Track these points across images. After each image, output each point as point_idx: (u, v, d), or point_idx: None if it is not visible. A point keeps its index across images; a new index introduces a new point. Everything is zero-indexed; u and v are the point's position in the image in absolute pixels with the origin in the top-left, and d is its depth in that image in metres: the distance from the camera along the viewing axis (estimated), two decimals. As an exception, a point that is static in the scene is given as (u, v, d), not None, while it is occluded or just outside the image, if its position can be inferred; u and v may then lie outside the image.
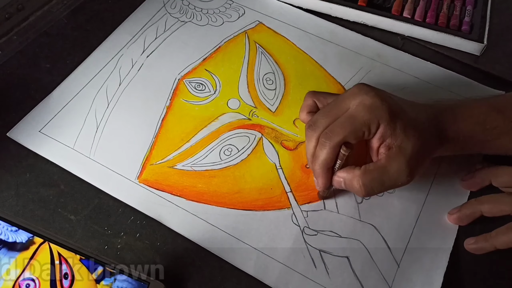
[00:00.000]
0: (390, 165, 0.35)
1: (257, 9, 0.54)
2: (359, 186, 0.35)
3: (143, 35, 0.50)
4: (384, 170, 0.35)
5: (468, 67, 0.50)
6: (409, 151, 0.35)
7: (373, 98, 0.35)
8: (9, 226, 0.31)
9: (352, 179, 0.36)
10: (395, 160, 0.35)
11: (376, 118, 0.35)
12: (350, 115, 0.35)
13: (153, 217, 0.38)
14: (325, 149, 0.35)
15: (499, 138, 0.38)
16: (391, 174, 0.35)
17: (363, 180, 0.35)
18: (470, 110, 0.38)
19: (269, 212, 0.39)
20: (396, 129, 0.35)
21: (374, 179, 0.35)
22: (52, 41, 0.49)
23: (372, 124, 0.35)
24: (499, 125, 0.37)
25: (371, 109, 0.35)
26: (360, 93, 0.36)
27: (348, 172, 0.36)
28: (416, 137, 0.35)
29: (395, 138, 0.35)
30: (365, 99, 0.35)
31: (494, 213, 0.37)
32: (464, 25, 0.51)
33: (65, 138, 0.42)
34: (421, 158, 0.36)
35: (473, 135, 0.38)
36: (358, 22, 0.53)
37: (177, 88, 0.46)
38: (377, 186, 0.35)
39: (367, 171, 0.35)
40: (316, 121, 0.37)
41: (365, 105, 0.35)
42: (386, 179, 0.35)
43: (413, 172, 0.35)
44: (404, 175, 0.35)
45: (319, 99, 0.40)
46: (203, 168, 0.41)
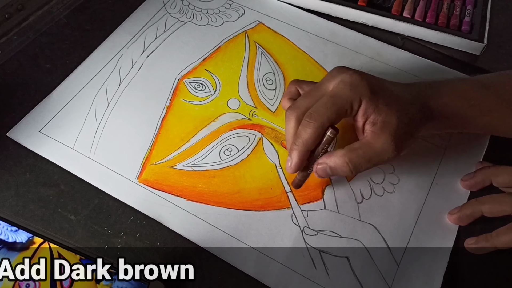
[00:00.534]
0: (375, 140, 0.35)
1: (257, 9, 0.54)
2: (346, 163, 0.35)
3: (143, 35, 0.50)
4: (369, 145, 0.35)
5: (468, 67, 0.50)
6: (394, 126, 0.35)
7: (352, 75, 0.36)
8: (9, 226, 0.31)
9: (337, 159, 0.35)
10: (380, 135, 0.35)
11: (357, 94, 0.35)
12: (332, 94, 0.36)
13: (153, 217, 0.38)
14: (309, 129, 0.35)
15: (485, 114, 0.38)
16: (377, 149, 0.35)
17: (349, 157, 0.35)
18: (454, 85, 0.39)
19: (269, 212, 0.39)
20: (378, 105, 0.35)
21: (359, 155, 0.35)
22: (52, 41, 0.49)
23: (354, 101, 0.35)
24: (484, 100, 0.38)
25: (351, 86, 0.35)
26: (339, 73, 0.37)
27: (331, 155, 0.36)
28: (400, 112, 0.35)
29: (378, 113, 0.35)
30: (344, 77, 0.36)
31: (494, 213, 0.37)
32: (464, 25, 0.51)
33: (65, 138, 0.42)
34: (407, 133, 0.36)
35: (458, 111, 0.38)
36: (358, 22, 0.53)
37: (177, 88, 0.46)
38: (364, 162, 0.35)
39: (353, 148, 0.35)
40: (296, 102, 0.37)
41: (346, 83, 0.36)
42: (373, 154, 0.35)
43: (399, 146, 0.35)
44: (390, 150, 0.35)
45: (301, 86, 0.41)
46: (203, 168, 0.41)
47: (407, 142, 0.36)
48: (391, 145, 0.35)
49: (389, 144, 0.35)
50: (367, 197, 0.40)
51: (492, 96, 0.38)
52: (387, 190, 0.41)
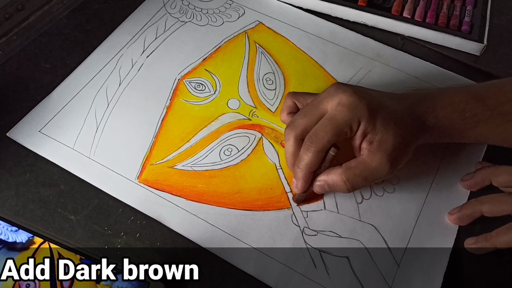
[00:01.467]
0: (371, 159, 0.36)
1: (257, 9, 0.54)
2: (343, 182, 0.36)
3: (143, 35, 0.50)
4: (365, 165, 0.36)
5: (468, 67, 0.50)
6: (389, 145, 0.35)
7: (350, 96, 0.36)
8: (9, 226, 0.31)
9: (335, 177, 0.36)
10: (376, 154, 0.35)
11: (356, 116, 0.35)
12: (331, 117, 0.36)
13: (153, 217, 0.38)
14: (310, 153, 0.36)
15: (478, 126, 0.38)
16: (373, 169, 0.36)
17: (347, 176, 0.36)
18: (450, 98, 0.39)
19: (269, 212, 0.39)
20: (376, 124, 0.35)
21: (356, 175, 0.36)
22: (52, 41, 0.49)
23: (353, 123, 0.35)
24: (478, 113, 0.38)
25: (350, 108, 0.35)
26: (337, 93, 0.36)
27: (329, 173, 0.37)
28: (395, 130, 0.36)
29: (375, 133, 0.36)
30: (342, 98, 0.36)
31: (494, 213, 0.37)
32: (464, 25, 0.51)
33: (65, 138, 0.42)
34: (402, 150, 0.36)
35: (453, 124, 0.38)
36: (358, 22, 0.53)
37: (177, 88, 0.46)
38: (360, 181, 0.36)
39: (350, 167, 0.36)
40: (294, 121, 0.37)
41: (344, 105, 0.36)
42: (368, 173, 0.36)
43: (394, 164, 0.36)
44: (386, 169, 0.36)
45: (298, 99, 0.41)
46: (203, 168, 0.41)
47: (402, 159, 0.37)
48: (386, 164, 0.35)
49: (384, 164, 0.35)
50: (367, 197, 0.40)
51: (486, 108, 0.38)
52: (387, 190, 0.41)
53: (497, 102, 0.38)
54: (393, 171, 0.36)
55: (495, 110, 0.38)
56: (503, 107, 0.38)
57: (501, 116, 0.38)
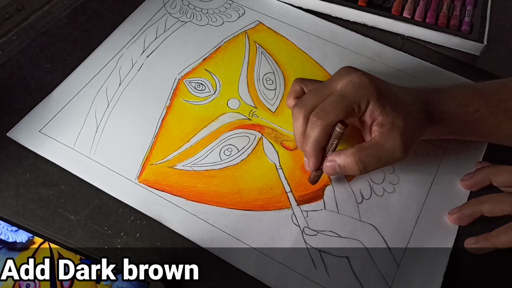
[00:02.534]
0: (385, 141, 0.36)
1: (257, 9, 0.54)
2: (355, 162, 0.36)
3: (143, 35, 0.50)
4: (379, 146, 0.36)
5: (468, 67, 0.50)
6: (401, 127, 0.36)
7: (361, 77, 0.36)
8: (9, 226, 0.31)
9: (347, 157, 0.36)
10: (390, 136, 0.36)
11: (365, 95, 0.36)
12: (340, 93, 0.36)
13: (153, 217, 0.38)
14: (317, 128, 0.36)
15: (481, 121, 0.39)
16: (387, 150, 0.36)
17: (360, 156, 0.36)
18: (453, 93, 0.39)
19: (269, 212, 0.39)
20: (385, 107, 0.36)
21: (369, 155, 0.36)
22: (52, 41, 0.49)
23: (362, 101, 0.36)
24: (480, 108, 0.38)
25: (360, 87, 0.36)
26: (347, 73, 0.37)
27: (340, 154, 0.37)
28: (405, 114, 0.36)
29: (386, 115, 0.36)
30: (353, 77, 0.36)
31: (494, 213, 0.37)
32: (464, 25, 0.51)
33: (65, 138, 0.42)
34: (413, 134, 0.37)
35: (456, 118, 0.39)
36: (358, 22, 0.53)
37: (177, 88, 0.46)
38: (373, 162, 0.36)
39: (362, 148, 0.36)
40: (303, 100, 0.38)
41: (355, 83, 0.36)
42: (382, 154, 0.36)
43: (407, 147, 0.36)
44: (399, 151, 0.36)
45: (306, 85, 0.41)
46: (203, 168, 0.41)
47: (413, 144, 0.37)
48: (400, 146, 0.35)
49: (399, 145, 0.35)
50: (367, 197, 0.40)
51: (489, 104, 0.38)
52: (387, 190, 0.41)
53: (499, 99, 0.38)
54: (407, 154, 0.36)
55: (497, 106, 0.38)
56: (506, 104, 0.38)
57: (504, 112, 0.38)
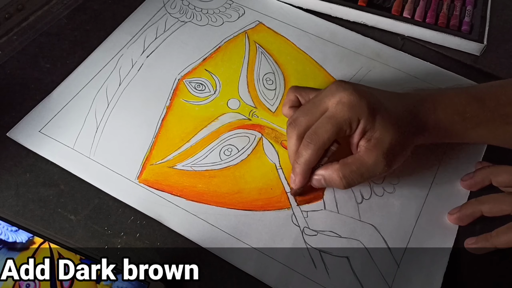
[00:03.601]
0: (367, 157, 0.36)
1: (257, 9, 0.54)
2: (339, 178, 0.36)
3: (143, 35, 0.50)
4: (362, 162, 0.36)
5: (468, 67, 0.50)
6: (386, 144, 0.36)
7: (351, 95, 0.36)
8: (9, 226, 0.31)
9: (332, 173, 0.37)
10: (373, 152, 0.36)
11: (355, 115, 0.36)
12: (330, 116, 0.36)
13: (153, 217, 0.38)
14: (309, 150, 0.36)
15: (479, 127, 0.39)
16: (369, 166, 0.36)
17: (343, 172, 0.36)
18: (450, 99, 0.39)
19: (269, 212, 0.39)
20: (375, 123, 0.36)
21: (353, 171, 0.36)
22: (52, 41, 0.49)
23: (353, 121, 0.36)
24: (478, 114, 0.38)
25: (350, 107, 0.36)
26: (337, 91, 0.37)
27: (327, 168, 0.37)
28: (394, 129, 0.36)
29: (374, 130, 0.36)
30: (343, 96, 0.36)
31: (494, 213, 0.37)
32: (464, 25, 0.51)
33: (65, 138, 0.42)
34: (399, 149, 0.37)
35: (453, 124, 0.38)
36: (358, 22, 0.53)
37: (177, 88, 0.46)
38: (357, 177, 0.36)
39: (346, 164, 0.36)
40: (296, 119, 0.38)
41: (344, 103, 0.36)
42: (365, 170, 0.36)
43: (390, 163, 0.36)
44: (381, 166, 0.36)
45: (301, 94, 0.41)
46: (203, 168, 0.41)
47: (398, 158, 0.37)
48: (382, 162, 0.36)
49: (380, 161, 0.36)
50: (367, 197, 0.40)
51: (487, 110, 0.38)
52: (387, 190, 0.41)
53: (497, 104, 0.38)
54: (389, 169, 0.37)
55: (495, 111, 0.38)
56: (504, 108, 0.38)
57: (502, 117, 0.38)
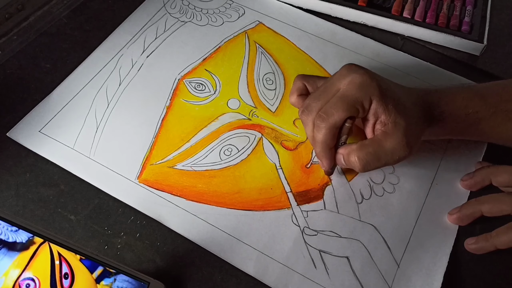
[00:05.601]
0: (386, 140, 0.36)
1: (257, 9, 0.54)
2: (355, 160, 0.36)
3: (143, 35, 0.50)
4: (379, 144, 0.36)
5: (468, 67, 0.50)
6: (404, 126, 0.35)
7: (363, 76, 0.36)
8: (9, 226, 0.31)
9: (349, 153, 0.36)
10: (392, 135, 0.36)
11: (367, 94, 0.36)
12: (342, 95, 0.36)
13: (153, 217, 0.38)
14: (322, 131, 0.36)
15: (480, 123, 0.39)
16: (387, 149, 0.36)
17: (359, 154, 0.36)
18: (453, 95, 0.39)
19: (269, 212, 0.39)
20: (388, 105, 0.36)
21: (369, 153, 0.36)
22: (52, 41, 0.49)
23: (365, 100, 0.36)
24: (480, 110, 0.38)
25: (362, 86, 0.36)
26: (349, 72, 0.37)
27: (346, 148, 0.37)
28: (407, 114, 0.36)
29: (388, 114, 0.36)
30: (354, 77, 0.36)
31: (494, 213, 0.37)
32: (464, 25, 0.51)
33: (65, 138, 0.42)
34: (415, 134, 0.37)
35: (456, 119, 0.38)
36: (358, 22, 0.53)
37: (177, 88, 0.46)
38: (373, 160, 0.36)
39: (363, 145, 0.36)
40: (309, 106, 0.38)
41: (356, 83, 0.36)
42: (382, 153, 0.36)
43: (411, 145, 0.36)
44: (403, 149, 0.36)
45: (308, 82, 0.41)
46: (203, 168, 0.41)
47: (416, 143, 0.37)
48: (404, 145, 0.35)
49: (401, 144, 0.35)
50: (367, 197, 0.40)
51: (489, 106, 0.38)
52: (387, 190, 0.41)
53: (500, 100, 0.38)
54: (409, 153, 0.36)
55: (498, 107, 0.38)
56: (506, 105, 0.38)
57: (504, 114, 0.38)
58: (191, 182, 0.40)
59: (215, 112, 0.45)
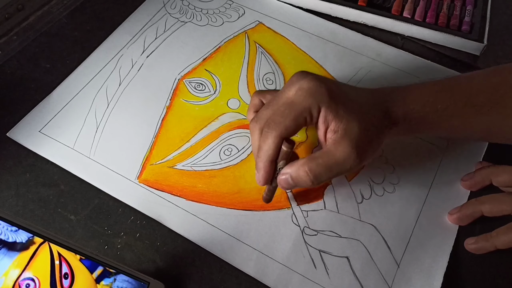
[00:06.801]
0: (336, 149, 0.34)
1: (257, 9, 0.54)
2: (305, 173, 0.34)
3: (143, 35, 0.50)
4: (330, 154, 0.34)
5: (468, 67, 0.50)
6: (355, 133, 0.34)
7: (310, 82, 0.34)
8: (9, 226, 0.31)
9: (298, 168, 0.34)
10: (341, 143, 0.34)
11: (315, 101, 0.34)
12: (290, 103, 0.35)
13: (153, 217, 0.38)
14: (268, 140, 0.35)
15: (450, 118, 0.37)
16: (338, 159, 0.34)
17: (309, 166, 0.34)
18: (419, 90, 0.37)
19: (269, 212, 0.39)
20: (338, 111, 0.34)
21: (319, 164, 0.34)
22: (52, 41, 0.49)
23: (313, 108, 0.34)
24: (450, 104, 0.36)
25: (309, 93, 0.34)
26: (298, 79, 0.35)
27: (292, 165, 0.35)
28: (361, 119, 0.34)
29: (339, 120, 0.34)
30: (302, 83, 0.35)
31: (494, 213, 0.37)
32: (464, 25, 0.51)
33: (65, 138, 0.42)
34: (369, 141, 0.35)
35: (424, 116, 0.37)
36: (358, 22, 0.53)
37: (177, 88, 0.46)
38: (324, 172, 0.34)
39: (313, 157, 0.34)
40: (259, 114, 0.36)
41: (304, 90, 0.34)
42: (333, 163, 0.34)
43: (361, 155, 0.34)
44: (352, 159, 0.34)
45: (264, 96, 0.39)
46: (203, 168, 0.41)
47: (369, 150, 0.35)
48: (352, 154, 0.34)
49: (350, 153, 0.34)
50: (367, 197, 0.40)
51: (458, 99, 0.37)
52: (387, 190, 0.41)
53: (469, 94, 0.37)
54: (360, 162, 0.34)
55: (467, 102, 0.37)
56: (475, 99, 0.37)
57: (473, 108, 0.37)
58: (191, 182, 0.40)
59: (215, 112, 0.45)
